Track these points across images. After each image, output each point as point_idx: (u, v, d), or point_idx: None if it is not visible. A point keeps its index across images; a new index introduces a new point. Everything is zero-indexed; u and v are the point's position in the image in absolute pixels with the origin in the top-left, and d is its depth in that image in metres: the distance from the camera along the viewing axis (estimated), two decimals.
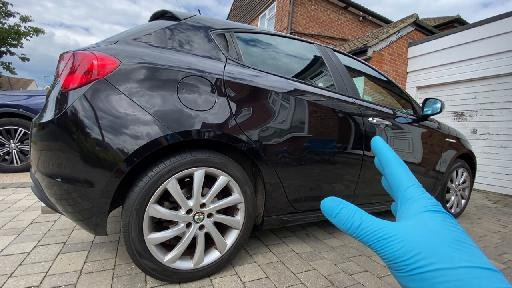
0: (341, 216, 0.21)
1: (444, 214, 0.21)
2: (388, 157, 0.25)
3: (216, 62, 1.31)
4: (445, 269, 0.17)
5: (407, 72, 6.08)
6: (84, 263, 1.33)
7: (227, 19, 12.88)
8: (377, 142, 0.27)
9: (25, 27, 16.21)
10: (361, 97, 1.90)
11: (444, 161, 2.40)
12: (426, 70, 5.69)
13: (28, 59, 17.24)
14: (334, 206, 0.22)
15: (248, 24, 8.74)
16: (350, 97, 1.76)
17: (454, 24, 9.74)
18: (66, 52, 1.19)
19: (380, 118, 1.84)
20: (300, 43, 1.86)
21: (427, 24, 7.05)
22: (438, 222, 0.20)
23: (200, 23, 1.42)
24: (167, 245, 1.26)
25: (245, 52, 1.49)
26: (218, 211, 1.28)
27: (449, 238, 0.19)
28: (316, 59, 1.86)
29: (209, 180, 1.26)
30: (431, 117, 2.39)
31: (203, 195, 1.22)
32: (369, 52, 5.56)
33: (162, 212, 1.13)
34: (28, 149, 1.99)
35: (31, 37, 16.66)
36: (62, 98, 1.06)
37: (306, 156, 1.48)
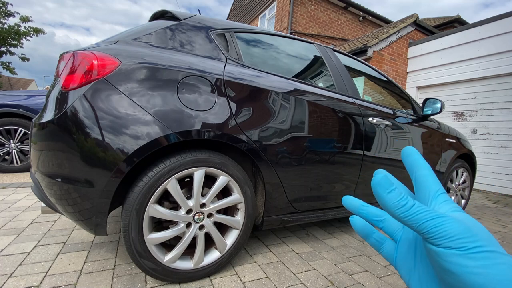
0: (394, 193, 0.21)
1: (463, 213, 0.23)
2: (420, 163, 0.26)
3: (216, 62, 1.31)
4: (500, 253, 0.18)
5: (407, 72, 6.08)
6: (84, 263, 1.33)
7: (227, 19, 12.88)
8: (409, 150, 0.27)
9: (25, 27, 16.22)
10: (361, 97, 1.90)
11: (444, 161, 2.40)
12: (426, 70, 5.69)
13: (28, 59, 17.25)
14: (390, 181, 0.22)
15: (248, 24, 8.74)
16: (350, 97, 1.76)
17: (454, 24, 9.74)
18: (66, 52, 1.19)
19: (380, 118, 1.84)
20: (300, 43, 1.86)
21: (427, 24, 7.05)
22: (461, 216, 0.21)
23: (200, 23, 1.42)
24: (167, 245, 1.26)
25: (245, 52, 1.49)
26: (218, 211, 1.28)
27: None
28: (316, 59, 1.86)
29: (209, 180, 1.26)
30: (431, 117, 2.39)
31: (203, 195, 1.22)
32: (369, 52, 5.56)
33: (162, 212, 1.13)
34: (28, 149, 1.99)
35: (31, 37, 16.67)
36: (62, 98, 1.06)
37: (306, 156, 1.48)
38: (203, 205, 1.22)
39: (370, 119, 1.77)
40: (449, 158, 2.44)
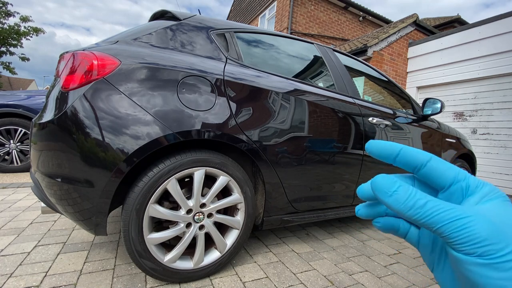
0: (399, 194, 0.18)
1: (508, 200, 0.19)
2: (420, 152, 0.22)
3: (216, 62, 1.31)
4: None
5: (407, 72, 6.08)
6: (84, 263, 1.33)
7: (227, 19, 12.88)
8: (381, 145, 0.23)
9: (25, 27, 16.22)
10: (361, 97, 1.90)
11: None
12: (426, 70, 5.69)
13: (28, 59, 17.24)
14: (390, 182, 0.19)
15: (248, 24, 8.74)
16: (350, 97, 1.76)
17: (454, 24, 9.74)
18: (66, 52, 1.19)
19: (380, 118, 1.84)
20: (300, 43, 1.86)
21: (427, 24, 7.05)
22: (502, 207, 0.18)
23: (200, 23, 1.42)
24: (167, 245, 1.26)
25: (245, 52, 1.49)
26: (218, 211, 1.28)
27: None
28: (316, 59, 1.86)
29: (209, 180, 1.26)
30: (431, 117, 2.39)
31: (203, 195, 1.22)
32: (369, 52, 5.56)
33: (162, 212, 1.13)
34: (28, 149, 1.99)
35: (31, 37, 16.67)
36: (62, 98, 1.06)
37: (306, 156, 1.48)
38: (203, 205, 1.22)
39: (370, 119, 1.77)
40: (449, 158, 2.44)
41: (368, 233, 2.05)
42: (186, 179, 1.25)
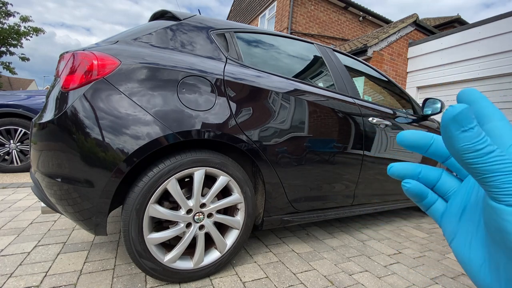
0: (475, 132, 0.17)
1: None
2: (489, 112, 0.20)
3: (216, 62, 1.31)
4: None
5: (407, 72, 6.08)
6: (84, 263, 1.33)
7: (227, 19, 12.88)
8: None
9: (25, 27, 16.22)
10: (361, 97, 1.90)
11: None
12: (426, 70, 5.70)
13: (28, 59, 17.25)
14: (470, 117, 0.17)
15: (248, 24, 8.74)
16: (350, 97, 1.76)
17: (454, 24, 9.74)
18: (66, 52, 1.19)
19: (380, 118, 1.84)
20: (300, 43, 1.86)
21: (427, 24, 7.05)
22: None
23: (200, 23, 1.42)
24: (167, 245, 1.26)
25: (245, 52, 1.49)
26: (218, 211, 1.28)
27: None
28: (316, 59, 1.86)
29: (209, 180, 1.26)
30: (431, 117, 2.39)
31: (203, 195, 1.22)
32: (369, 52, 5.56)
33: (162, 212, 1.13)
34: (28, 149, 1.99)
35: (31, 37, 16.68)
36: (62, 98, 1.06)
37: (306, 156, 1.48)
38: (203, 205, 1.22)
39: (370, 119, 1.77)
40: None
41: (368, 233, 2.05)
42: (186, 179, 1.25)
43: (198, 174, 1.18)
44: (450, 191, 0.25)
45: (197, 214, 1.20)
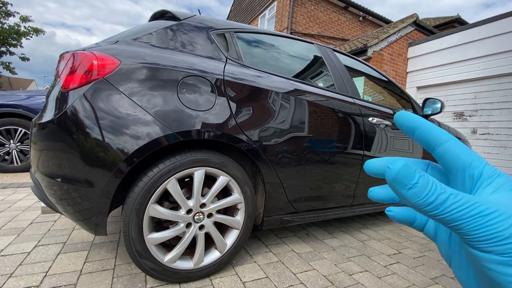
0: (420, 187, 0.16)
1: None
2: (440, 131, 0.20)
3: (216, 62, 1.31)
4: None
5: (407, 72, 6.08)
6: (84, 263, 1.33)
7: (227, 19, 12.88)
8: (408, 116, 0.21)
9: (25, 27, 16.22)
10: (361, 97, 1.90)
11: None
12: (426, 70, 5.70)
13: (28, 59, 17.23)
14: (410, 173, 0.16)
15: (248, 24, 8.74)
16: (350, 97, 1.76)
17: (454, 24, 9.74)
18: (66, 52, 1.19)
19: (380, 118, 1.84)
20: (300, 43, 1.86)
21: (427, 24, 7.05)
22: None
23: (200, 23, 1.42)
24: (167, 245, 1.26)
25: (245, 52, 1.49)
26: (218, 211, 1.28)
27: None
28: (316, 59, 1.86)
29: (209, 180, 1.26)
30: (431, 117, 2.39)
31: (203, 195, 1.22)
32: (369, 52, 5.56)
33: (162, 212, 1.13)
34: (28, 149, 1.99)
35: (31, 37, 16.66)
36: (62, 98, 1.06)
37: (306, 156, 1.48)
38: (203, 205, 1.22)
39: (370, 119, 1.77)
40: None
41: (368, 233, 2.05)
42: (186, 179, 1.25)
43: (198, 174, 1.18)
44: None
45: (197, 214, 1.20)
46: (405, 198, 0.17)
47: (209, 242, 1.27)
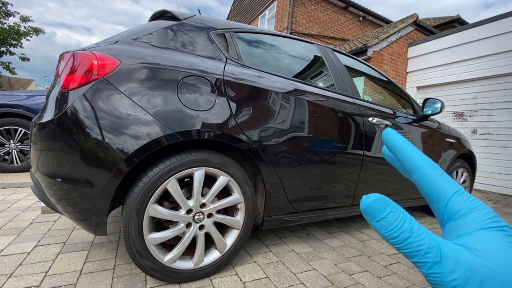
0: (387, 222, 0.17)
1: (506, 231, 0.18)
2: (414, 159, 0.21)
3: (216, 62, 1.31)
4: None
5: (407, 72, 6.08)
6: (84, 263, 1.33)
7: (227, 19, 12.88)
8: (392, 137, 0.22)
9: (25, 27, 16.21)
10: (361, 97, 1.90)
11: (444, 161, 2.40)
12: (426, 70, 5.69)
13: (28, 59, 17.23)
14: (380, 208, 0.18)
15: (248, 24, 8.74)
16: (350, 97, 1.76)
17: (454, 24, 9.73)
18: (66, 52, 1.19)
19: (380, 118, 1.84)
20: (300, 43, 1.86)
21: (427, 24, 7.05)
22: (501, 245, 0.17)
23: (200, 23, 1.42)
24: (167, 245, 1.26)
25: (245, 52, 1.49)
26: (218, 211, 1.28)
27: None
28: (316, 59, 1.86)
29: (209, 180, 1.26)
30: (431, 117, 2.39)
31: (203, 195, 1.22)
32: (369, 52, 5.56)
33: (162, 212, 1.13)
34: (28, 149, 1.99)
35: (31, 37, 16.66)
36: (62, 98, 1.06)
37: (306, 156, 1.48)
38: (203, 205, 1.22)
39: (370, 119, 1.77)
40: (449, 158, 2.44)
41: (368, 233, 2.05)
42: (186, 179, 1.25)
43: (198, 174, 1.18)
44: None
45: (197, 214, 1.20)
46: (374, 228, 0.18)
47: (209, 242, 1.27)
